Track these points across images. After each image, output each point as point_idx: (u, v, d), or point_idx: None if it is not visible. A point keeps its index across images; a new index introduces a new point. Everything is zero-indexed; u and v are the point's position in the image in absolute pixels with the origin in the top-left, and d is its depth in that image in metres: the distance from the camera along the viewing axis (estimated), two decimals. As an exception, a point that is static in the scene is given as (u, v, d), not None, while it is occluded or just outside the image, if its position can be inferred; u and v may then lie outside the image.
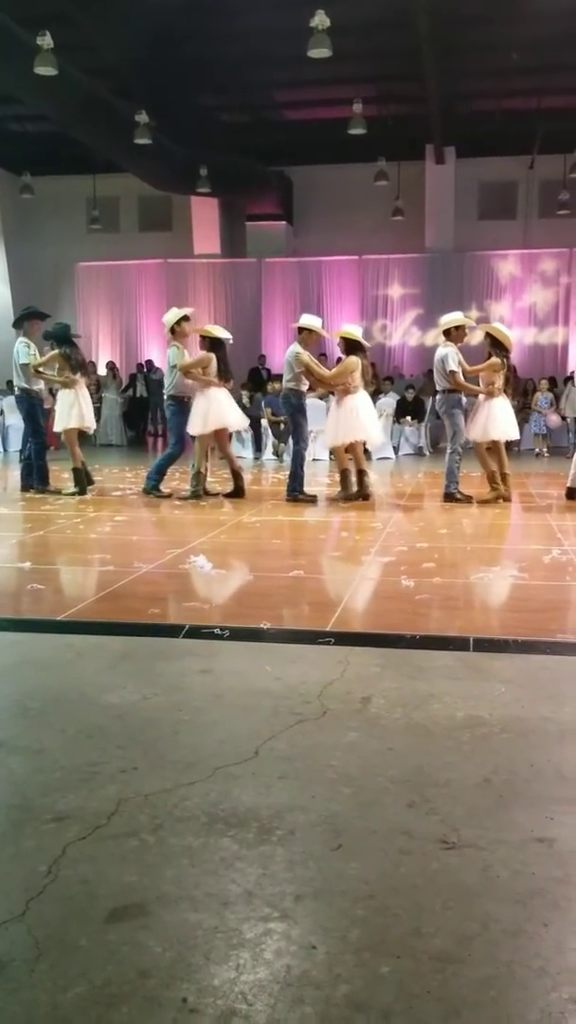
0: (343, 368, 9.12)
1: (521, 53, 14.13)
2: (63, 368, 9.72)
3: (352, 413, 9.01)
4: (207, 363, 9.28)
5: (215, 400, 9.34)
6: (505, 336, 9.13)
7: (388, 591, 5.34)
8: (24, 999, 1.83)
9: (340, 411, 9.07)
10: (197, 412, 9.31)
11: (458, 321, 9.21)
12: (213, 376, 9.31)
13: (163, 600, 5.18)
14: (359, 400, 9.06)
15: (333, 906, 2.13)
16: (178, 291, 20.91)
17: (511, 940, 2.00)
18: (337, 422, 9.08)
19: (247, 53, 14.35)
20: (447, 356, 8.91)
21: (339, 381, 9.10)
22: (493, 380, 9.05)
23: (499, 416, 9.09)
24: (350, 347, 9.15)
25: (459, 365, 8.91)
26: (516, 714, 3.32)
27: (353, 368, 9.00)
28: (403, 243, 19.65)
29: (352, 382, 9.00)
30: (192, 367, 9.31)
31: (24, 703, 3.48)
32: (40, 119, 16.88)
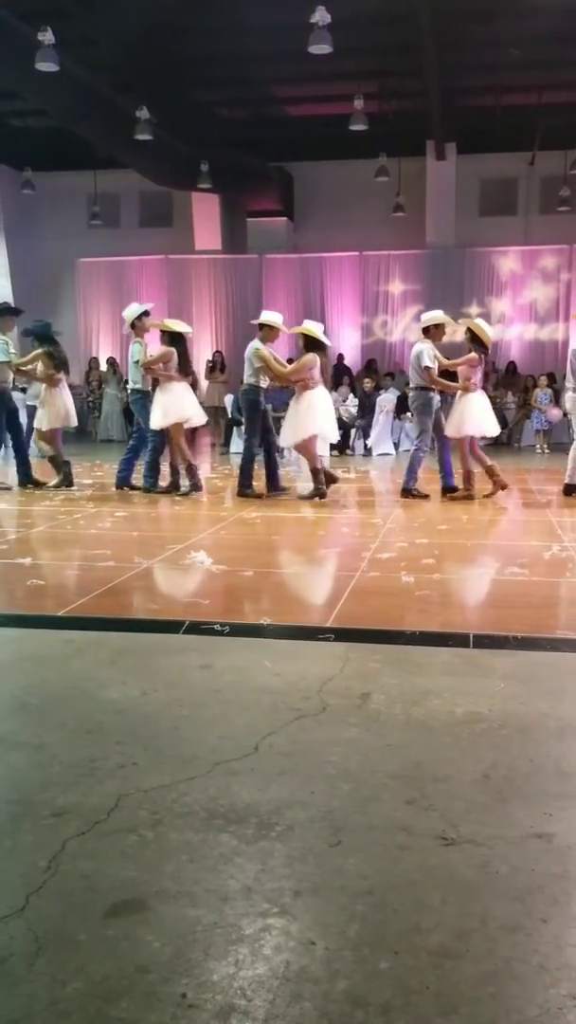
0: (300, 364, 9.15)
1: (522, 49, 14.09)
2: (47, 366, 9.76)
3: (309, 410, 9.03)
4: (168, 358, 9.37)
5: (175, 394, 9.41)
6: (485, 332, 9.14)
7: (388, 587, 5.34)
8: (23, 993, 1.83)
9: (298, 408, 9.10)
10: (157, 406, 9.39)
11: (439, 319, 9.28)
12: (174, 370, 9.37)
13: (163, 596, 5.18)
14: (316, 397, 9.09)
15: (332, 902, 2.13)
16: (179, 287, 20.87)
17: (510, 936, 2.01)
18: (296, 419, 9.10)
19: (248, 49, 14.32)
20: (423, 352, 8.96)
21: (297, 377, 9.13)
22: (470, 376, 9.06)
23: (475, 412, 9.09)
24: (309, 344, 9.18)
25: (434, 361, 8.96)
26: (515, 710, 3.32)
27: (311, 364, 9.03)
28: (404, 239, 19.61)
29: (311, 378, 9.03)
30: (154, 363, 9.40)
31: (24, 698, 3.48)
32: (41, 115, 16.84)
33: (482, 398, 9.22)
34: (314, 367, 9.01)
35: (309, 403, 9.02)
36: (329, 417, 9.34)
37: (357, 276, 20.39)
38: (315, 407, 9.05)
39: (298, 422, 9.06)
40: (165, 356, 9.36)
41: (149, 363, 9.40)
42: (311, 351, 9.08)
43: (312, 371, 9.01)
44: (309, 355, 9.05)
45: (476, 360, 9.03)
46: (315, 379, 9.04)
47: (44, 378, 9.79)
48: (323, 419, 9.15)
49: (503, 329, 19.68)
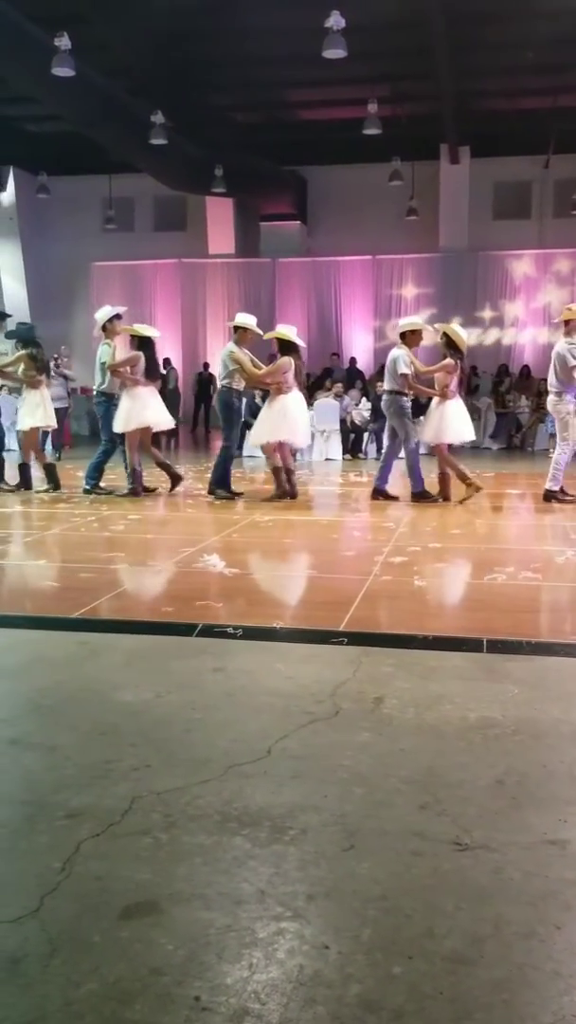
0: (275, 367, 9.17)
1: (536, 52, 14.07)
2: (28, 368, 9.85)
3: (281, 413, 9.04)
4: (135, 362, 9.42)
5: (140, 399, 9.44)
6: (460, 337, 9.12)
7: (401, 591, 5.34)
8: (37, 995, 1.84)
9: (271, 410, 9.11)
10: (121, 410, 9.43)
11: (415, 325, 9.30)
12: (141, 375, 9.42)
13: (176, 599, 5.19)
14: (291, 400, 9.11)
15: (345, 906, 2.13)
16: (192, 291, 20.94)
17: (523, 942, 2.00)
18: (268, 421, 9.11)
19: (262, 53, 14.35)
20: (399, 358, 8.97)
21: (271, 380, 9.15)
22: (447, 382, 9.05)
23: (452, 418, 9.08)
24: (283, 347, 9.19)
25: (411, 367, 8.97)
26: (529, 715, 3.31)
27: (286, 367, 9.04)
28: (417, 243, 19.61)
29: (285, 382, 9.04)
30: (121, 365, 9.45)
31: (38, 700, 3.49)
32: (56, 119, 16.91)
33: (459, 404, 9.23)
34: (288, 370, 9.05)
35: (283, 406, 9.06)
36: (302, 422, 9.38)
37: (370, 280, 20.41)
38: (288, 411, 9.08)
39: (270, 424, 9.08)
40: (132, 360, 9.44)
41: (116, 366, 9.45)
42: (285, 354, 9.11)
43: (286, 374, 9.04)
44: (284, 358, 9.09)
45: (452, 366, 9.01)
46: (289, 383, 9.07)
47: (25, 379, 9.92)
48: (295, 424, 9.19)
49: (516, 333, 19.66)
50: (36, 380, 9.87)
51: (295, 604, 5.14)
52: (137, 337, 9.63)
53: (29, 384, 9.88)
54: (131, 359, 9.44)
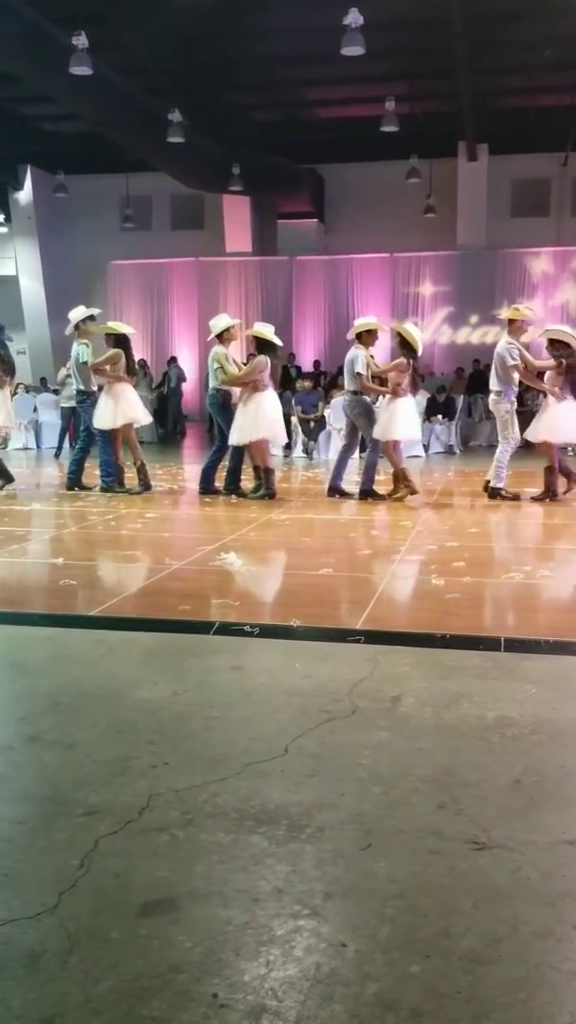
0: (252, 367, 9.17)
1: (555, 49, 14.01)
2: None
3: (257, 411, 9.06)
4: (117, 359, 9.50)
5: (123, 396, 9.53)
6: (413, 337, 9.15)
7: (418, 590, 5.33)
8: (56, 991, 1.85)
9: (247, 409, 9.13)
10: (106, 408, 9.50)
11: (370, 325, 9.32)
12: (122, 372, 9.50)
13: (194, 596, 5.20)
14: (266, 399, 9.14)
15: (363, 905, 2.13)
16: (210, 289, 20.96)
17: (541, 942, 2.00)
18: (245, 420, 9.12)
19: (280, 51, 14.35)
20: (356, 359, 8.99)
21: (248, 379, 9.16)
22: (400, 381, 9.06)
23: (402, 416, 9.10)
24: (260, 346, 9.22)
25: (367, 368, 9.00)
26: (547, 715, 3.30)
27: (262, 367, 9.07)
28: (435, 241, 19.55)
29: (262, 381, 9.06)
30: (103, 364, 9.53)
31: (56, 698, 3.51)
32: (74, 118, 16.99)
33: (409, 403, 9.25)
34: (264, 369, 9.09)
35: (258, 405, 9.08)
36: (278, 420, 9.41)
37: (387, 278, 20.37)
38: (264, 409, 9.11)
39: (247, 423, 9.10)
40: (114, 358, 9.52)
41: (98, 364, 9.56)
42: (263, 353, 9.15)
43: (263, 373, 9.08)
44: (261, 357, 9.12)
45: (404, 365, 9.07)
46: (265, 382, 9.12)
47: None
48: (272, 422, 9.23)
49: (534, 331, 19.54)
50: (2, 380, 9.98)
51: (312, 602, 5.14)
52: (114, 335, 9.72)
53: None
54: (113, 357, 9.53)
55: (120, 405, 9.50)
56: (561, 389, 8.87)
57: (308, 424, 14.61)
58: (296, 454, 14.83)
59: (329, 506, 8.91)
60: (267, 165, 18.34)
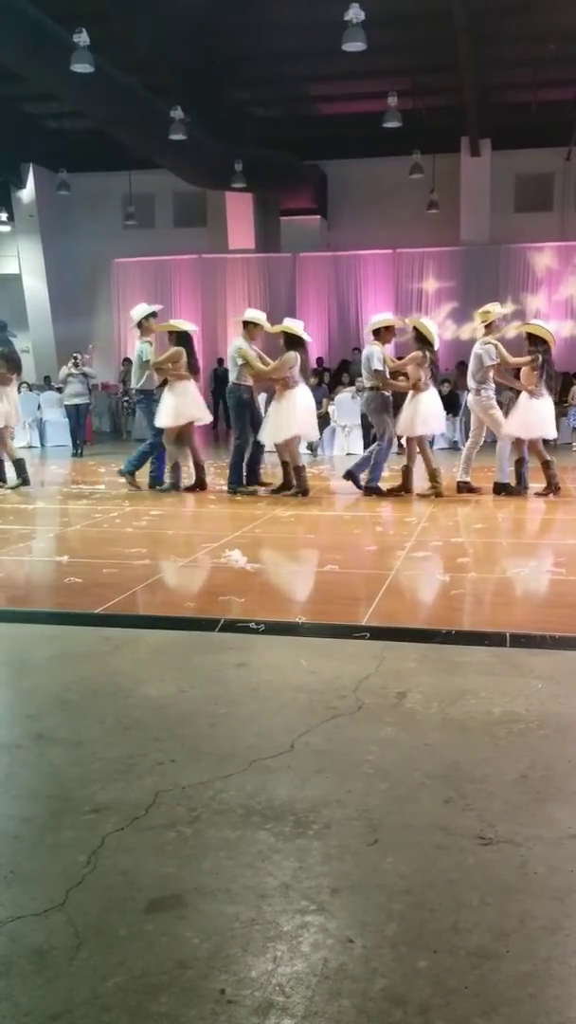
0: (281, 363, 9.11)
1: (558, 43, 13.96)
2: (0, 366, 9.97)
3: (290, 409, 9.03)
4: (178, 357, 9.43)
5: (185, 394, 9.47)
6: (428, 331, 9.13)
7: (423, 586, 5.32)
8: (64, 987, 1.85)
9: (279, 406, 9.09)
10: (168, 405, 9.43)
11: (388, 321, 9.31)
12: (184, 370, 9.44)
13: (199, 594, 5.21)
14: (298, 395, 9.09)
15: (370, 900, 2.13)
16: (213, 286, 20.94)
17: (549, 937, 2.00)
18: (277, 417, 9.09)
19: (281, 47, 14.32)
20: (372, 355, 8.97)
21: (277, 375, 9.12)
22: (418, 375, 9.04)
23: (425, 410, 9.08)
24: (290, 342, 9.16)
25: (384, 363, 8.99)
26: (553, 710, 3.30)
27: (292, 363, 9.01)
28: (438, 236, 19.50)
29: (291, 377, 9.02)
30: (165, 362, 9.46)
31: (63, 695, 3.52)
32: (76, 116, 16.97)
33: (431, 396, 9.22)
34: (294, 365, 9.03)
35: (290, 402, 9.04)
36: (310, 416, 9.37)
37: (391, 274, 20.33)
38: (296, 406, 9.07)
39: (279, 421, 9.07)
40: (175, 356, 9.44)
41: (160, 362, 9.49)
42: (292, 349, 9.08)
43: (292, 369, 9.02)
44: (290, 353, 9.05)
45: (421, 358, 9.03)
46: (295, 378, 9.06)
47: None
48: (304, 418, 9.19)
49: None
50: (6, 377, 9.96)
51: (317, 599, 5.14)
52: (176, 333, 9.63)
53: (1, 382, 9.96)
54: (174, 355, 9.44)
55: (182, 403, 9.42)
56: (536, 385, 8.88)
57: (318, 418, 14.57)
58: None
59: (333, 503, 8.90)
60: (270, 162, 18.31)
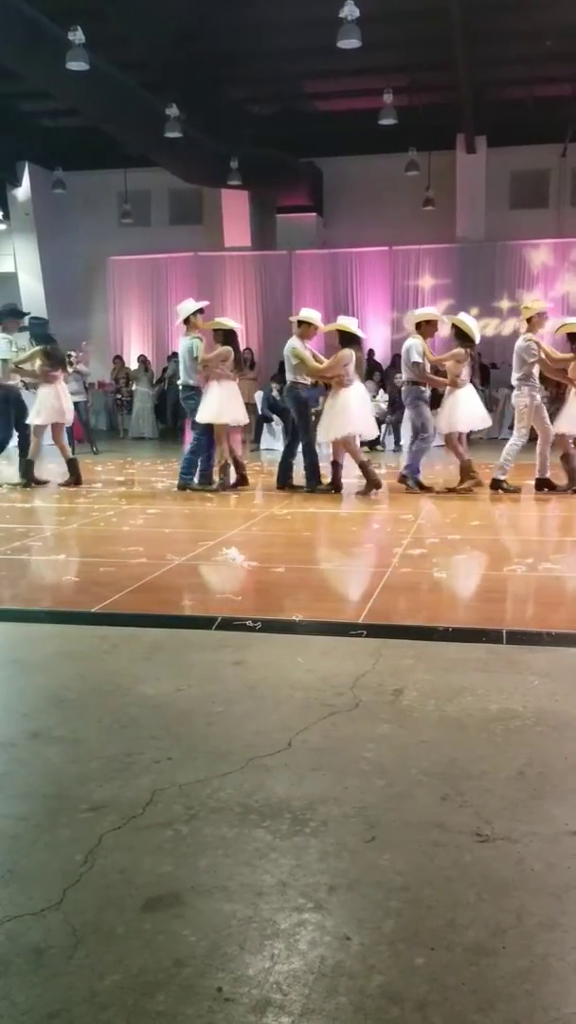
0: (336, 360, 9.10)
1: (553, 40, 13.95)
2: (43, 363, 9.88)
3: (346, 406, 9.01)
4: (227, 356, 9.37)
5: (230, 393, 9.44)
6: (470, 327, 9.13)
7: (420, 583, 5.33)
8: (61, 986, 1.85)
9: (335, 404, 9.08)
10: (211, 403, 9.37)
11: (430, 315, 9.36)
12: (230, 368, 9.41)
13: (196, 592, 5.21)
14: (353, 393, 9.07)
15: (367, 897, 2.14)
16: (209, 284, 20.90)
17: (546, 933, 2.00)
18: (332, 416, 9.09)
19: (277, 45, 14.30)
20: (411, 348, 8.99)
21: (332, 373, 9.10)
22: (459, 372, 9.04)
23: (464, 406, 9.08)
24: (344, 339, 9.15)
25: (423, 357, 8.98)
26: (550, 707, 3.30)
27: (347, 360, 8.99)
28: (434, 233, 19.49)
29: (346, 375, 9.00)
30: (213, 360, 9.40)
31: (60, 694, 3.51)
32: (72, 114, 16.93)
33: (470, 392, 9.23)
34: (349, 363, 8.99)
35: (346, 400, 9.00)
36: (366, 413, 9.36)
37: (387, 271, 20.32)
38: (351, 404, 9.03)
39: (334, 419, 9.04)
40: (224, 354, 9.35)
41: (209, 360, 9.39)
42: (347, 347, 9.05)
43: (347, 367, 8.98)
44: (345, 351, 9.01)
45: (462, 355, 9.04)
46: (350, 375, 9.02)
47: (40, 375, 9.91)
48: (360, 416, 9.15)
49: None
50: (51, 376, 9.90)
51: (314, 597, 5.14)
52: (223, 331, 9.55)
53: (44, 380, 9.90)
54: (223, 353, 9.36)
55: (226, 402, 9.38)
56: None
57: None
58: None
59: (330, 500, 8.90)
60: (265, 159, 18.29)
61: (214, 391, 9.36)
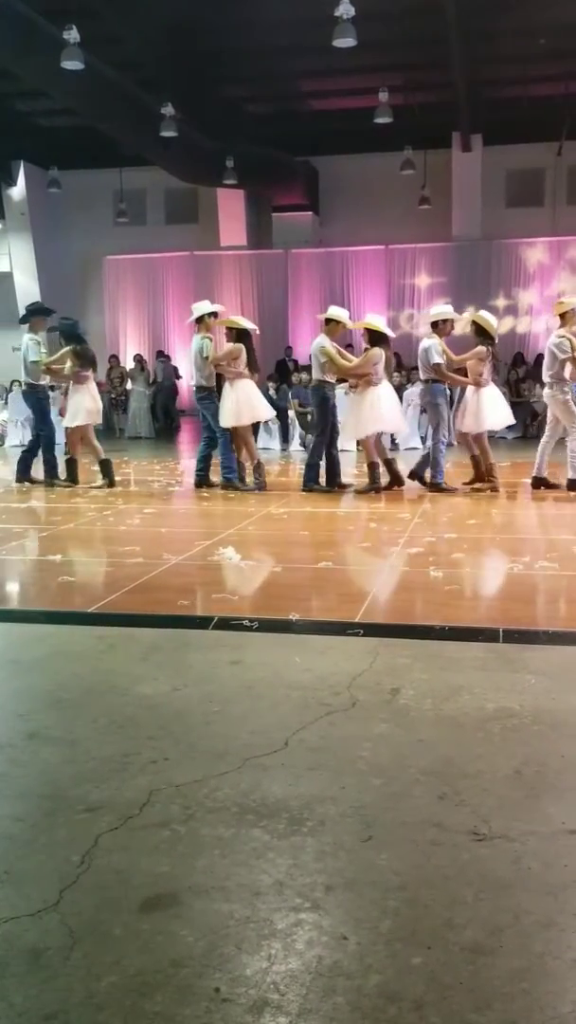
0: (366, 359, 9.05)
1: (548, 38, 13.96)
2: (75, 364, 9.78)
3: (375, 404, 8.97)
4: (238, 355, 9.28)
5: (247, 392, 9.38)
6: (491, 325, 9.08)
7: (417, 582, 5.33)
8: (59, 987, 1.85)
9: (363, 402, 9.03)
10: (232, 405, 9.31)
11: (447, 314, 9.27)
12: (243, 367, 9.32)
13: (193, 592, 5.20)
14: (382, 391, 9.02)
15: (364, 897, 2.13)
16: (205, 283, 20.89)
17: (543, 932, 2.00)
18: (360, 414, 9.06)
19: (272, 43, 14.29)
20: (431, 348, 8.92)
21: (361, 372, 9.04)
22: (480, 370, 9.00)
23: (488, 405, 9.04)
24: (374, 338, 9.09)
25: (443, 356, 8.93)
26: (547, 705, 3.30)
27: (376, 359, 8.93)
28: (430, 232, 19.50)
29: (375, 373, 8.96)
30: (223, 359, 9.33)
31: (57, 694, 3.51)
32: (67, 113, 16.92)
33: (493, 391, 9.17)
34: (378, 362, 8.94)
35: (374, 398, 8.96)
36: (394, 411, 9.32)
37: (383, 270, 20.32)
38: (380, 402, 8.98)
39: (362, 417, 8.99)
40: (234, 353, 9.29)
41: (218, 359, 9.35)
42: (375, 345, 9.01)
43: (376, 366, 8.94)
44: (375, 350, 8.96)
45: (484, 353, 8.98)
46: (379, 374, 8.97)
47: (71, 375, 9.82)
48: (388, 414, 9.13)
49: (531, 321, 19.55)
50: (83, 376, 9.78)
51: (311, 596, 5.14)
52: (235, 330, 9.48)
53: (76, 380, 9.77)
54: (233, 352, 9.29)
55: (245, 403, 9.33)
56: None
57: (306, 417, 14.57)
58: (294, 447, 14.83)
59: (327, 500, 8.89)
60: (261, 158, 18.29)
61: (229, 393, 9.32)
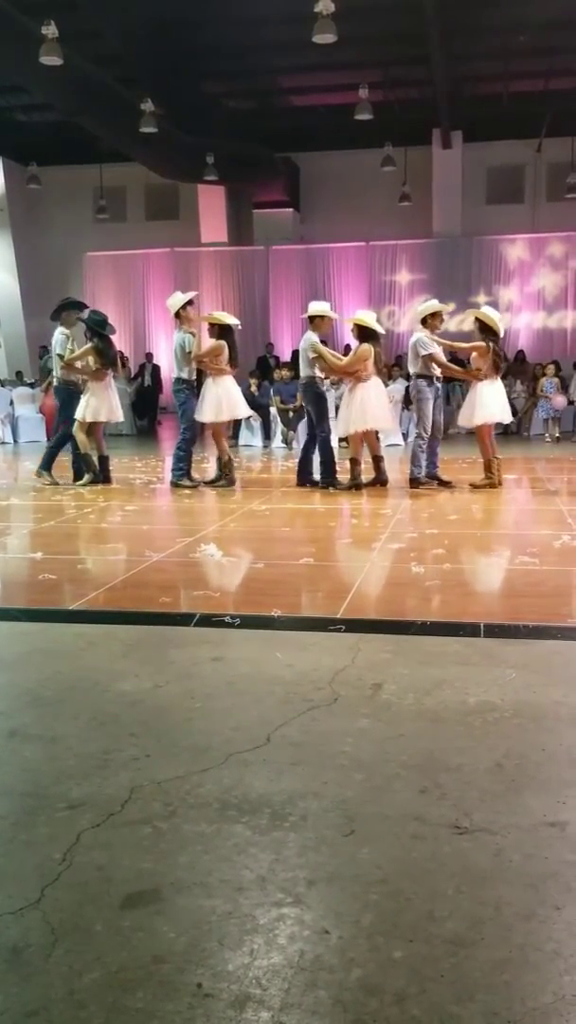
0: (356, 356, 9.03)
1: (528, 35, 14.02)
2: (95, 361, 9.62)
3: (364, 401, 8.96)
4: (220, 351, 9.25)
5: (227, 388, 9.35)
6: (494, 321, 9.06)
7: (398, 577, 5.34)
8: (40, 984, 1.84)
9: (352, 399, 9.02)
10: (210, 401, 9.28)
11: (435, 308, 9.25)
12: (225, 363, 9.28)
13: (174, 589, 5.19)
14: (371, 388, 9.01)
15: (346, 891, 2.14)
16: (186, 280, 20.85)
17: (524, 923, 2.01)
18: (349, 410, 9.04)
19: (252, 39, 14.28)
20: (421, 340, 8.88)
21: (352, 369, 9.02)
22: (480, 365, 9.01)
23: (488, 400, 9.03)
24: (363, 334, 9.06)
25: (435, 346, 8.90)
26: (527, 699, 3.32)
27: (366, 356, 8.91)
28: (410, 228, 19.55)
29: (365, 370, 8.94)
30: (205, 356, 9.30)
31: (37, 692, 3.50)
32: (46, 109, 16.85)
33: (494, 386, 9.13)
34: (368, 358, 8.92)
35: (364, 395, 8.94)
36: (384, 409, 9.30)
37: (364, 266, 20.36)
38: (370, 399, 8.97)
39: (352, 414, 8.98)
40: (216, 350, 9.26)
41: (200, 356, 9.30)
42: (365, 341, 8.98)
43: (366, 362, 8.92)
44: (364, 346, 8.94)
45: (485, 349, 8.94)
46: (369, 370, 8.95)
47: (90, 373, 9.64)
48: (377, 411, 9.10)
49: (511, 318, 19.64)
50: (101, 373, 9.67)
51: (293, 592, 5.14)
52: (218, 325, 9.41)
53: (94, 377, 9.62)
54: (215, 348, 9.25)
55: (225, 399, 9.29)
56: None
57: (287, 414, 14.58)
58: (276, 444, 14.83)
59: (308, 496, 8.90)
60: (241, 154, 18.27)
61: (211, 388, 9.30)
